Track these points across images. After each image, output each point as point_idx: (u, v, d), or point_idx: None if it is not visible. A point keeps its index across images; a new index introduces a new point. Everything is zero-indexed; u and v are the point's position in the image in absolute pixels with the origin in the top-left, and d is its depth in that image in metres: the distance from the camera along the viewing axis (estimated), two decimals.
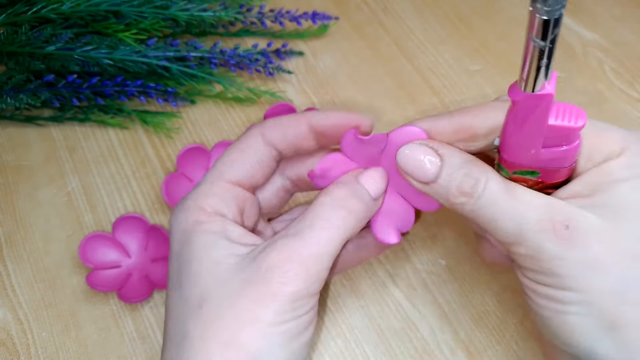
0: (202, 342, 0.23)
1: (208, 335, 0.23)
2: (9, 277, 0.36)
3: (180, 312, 0.25)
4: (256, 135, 0.28)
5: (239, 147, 0.28)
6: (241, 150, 0.28)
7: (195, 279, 0.25)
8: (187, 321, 0.24)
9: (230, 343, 0.23)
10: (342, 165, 0.28)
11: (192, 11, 0.41)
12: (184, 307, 0.25)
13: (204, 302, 0.24)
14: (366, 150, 0.27)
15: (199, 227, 0.26)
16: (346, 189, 0.26)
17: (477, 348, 0.33)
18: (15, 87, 0.40)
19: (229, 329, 0.23)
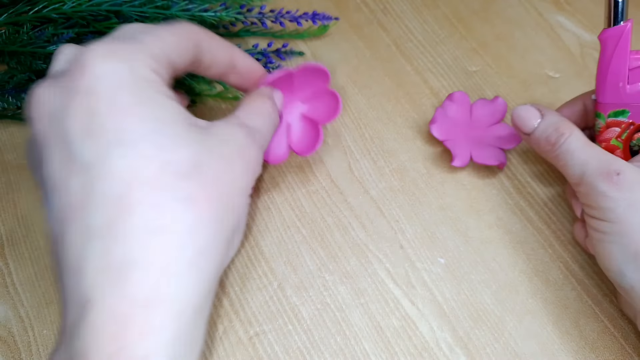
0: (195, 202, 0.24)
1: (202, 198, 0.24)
2: (11, 275, 0.36)
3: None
4: (194, 31, 0.29)
5: (173, 31, 0.27)
6: (175, 35, 0.27)
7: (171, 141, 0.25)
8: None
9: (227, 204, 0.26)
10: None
11: (193, 11, 0.41)
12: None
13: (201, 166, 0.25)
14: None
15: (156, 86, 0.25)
16: (267, 92, 0.33)
17: (476, 346, 0.33)
18: (17, 87, 0.40)
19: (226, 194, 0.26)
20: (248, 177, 0.28)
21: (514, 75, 0.43)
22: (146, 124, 0.23)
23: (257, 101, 0.31)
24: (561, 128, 0.32)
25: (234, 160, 0.26)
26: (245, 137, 0.28)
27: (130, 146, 0.22)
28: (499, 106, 0.39)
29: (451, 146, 0.38)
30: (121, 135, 0.23)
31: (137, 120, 0.23)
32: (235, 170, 0.26)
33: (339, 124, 0.41)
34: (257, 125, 0.29)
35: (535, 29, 0.45)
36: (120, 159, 0.22)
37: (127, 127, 0.23)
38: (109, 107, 0.23)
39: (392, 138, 0.40)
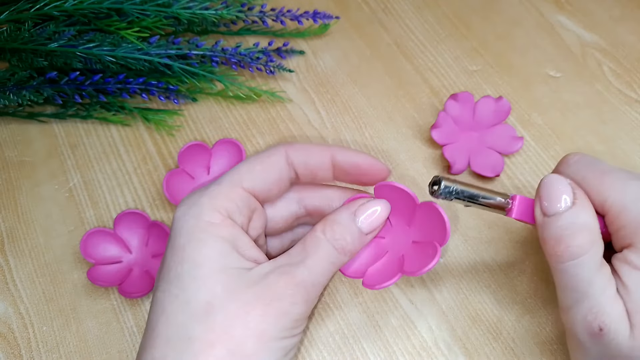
0: (209, 347, 0.24)
1: (215, 340, 0.24)
2: (11, 271, 0.37)
3: (179, 313, 0.25)
4: (281, 152, 0.29)
5: (262, 159, 0.29)
6: (263, 162, 0.29)
7: (202, 283, 0.25)
8: (191, 324, 0.25)
9: (236, 351, 0.24)
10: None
11: (194, 9, 0.41)
12: (184, 308, 0.25)
13: (212, 309, 0.25)
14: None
15: (211, 230, 0.26)
16: (340, 230, 0.28)
17: (474, 345, 0.33)
18: (18, 84, 0.40)
19: (236, 338, 0.25)
20: (271, 322, 0.25)
21: (514, 75, 0.43)
22: (183, 265, 0.26)
23: (322, 243, 0.27)
24: (582, 237, 0.25)
25: (256, 306, 0.25)
26: (284, 288, 0.26)
27: (165, 281, 0.26)
28: (502, 106, 0.39)
29: (450, 154, 0.38)
30: (166, 271, 0.26)
31: (178, 260, 0.26)
32: (252, 315, 0.25)
33: (339, 123, 0.41)
34: (311, 271, 0.27)
35: (536, 28, 0.45)
36: (159, 292, 0.26)
37: (171, 265, 0.26)
38: (170, 247, 0.27)
39: (392, 137, 0.40)
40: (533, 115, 0.41)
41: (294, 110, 0.42)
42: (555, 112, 0.41)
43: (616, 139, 0.40)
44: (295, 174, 0.30)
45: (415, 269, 0.27)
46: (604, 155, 0.39)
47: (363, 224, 0.28)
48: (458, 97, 0.39)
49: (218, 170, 0.38)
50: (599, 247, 0.26)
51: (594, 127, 0.40)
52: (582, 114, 0.41)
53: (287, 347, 0.26)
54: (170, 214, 0.38)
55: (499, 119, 0.39)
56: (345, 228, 0.28)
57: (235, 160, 0.38)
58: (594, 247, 0.25)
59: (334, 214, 0.28)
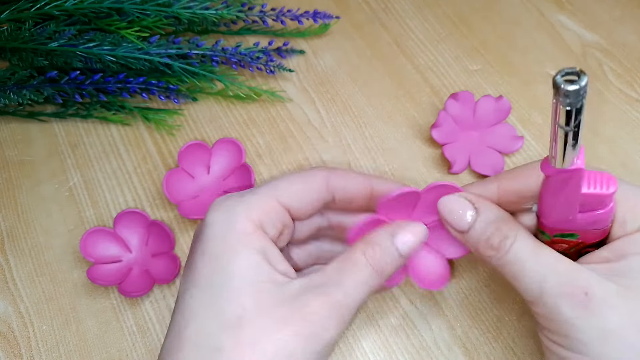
0: (237, 359, 0.24)
1: (243, 355, 0.24)
2: (11, 270, 0.37)
3: (209, 322, 0.25)
4: (323, 175, 0.29)
5: (303, 179, 0.29)
6: (304, 182, 0.29)
7: (234, 296, 0.25)
8: (221, 336, 0.25)
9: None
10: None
11: (195, 9, 0.41)
12: (215, 318, 0.25)
13: (243, 322, 0.25)
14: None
15: (245, 240, 0.26)
16: (379, 251, 0.27)
17: (474, 345, 0.33)
18: (19, 83, 0.40)
19: (264, 354, 0.24)
20: (300, 343, 0.25)
21: (515, 74, 0.43)
22: (216, 275, 0.26)
23: (361, 265, 0.27)
24: (503, 228, 0.26)
25: (287, 324, 0.25)
26: (319, 309, 0.25)
27: (197, 288, 0.26)
28: (503, 105, 0.39)
29: (450, 154, 0.38)
30: (198, 277, 0.26)
31: (212, 269, 0.26)
32: (282, 333, 0.25)
33: (339, 123, 0.41)
34: (347, 293, 0.26)
35: (537, 28, 0.45)
36: (188, 296, 0.26)
37: (203, 272, 0.26)
38: (201, 253, 0.26)
39: (392, 137, 0.40)
40: (533, 114, 0.41)
41: (294, 110, 0.42)
42: None
43: (617, 139, 0.40)
44: (332, 198, 0.30)
45: (426, 283, 0.28)
46: (604, 155, 0.39)
47: (401, 247, 0.28)
48: (458, 97, 0.39)
49: (218, 169, 0.38)
50: (524, 232, 0.26)
51: (594, 127, 0.40)
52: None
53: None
54: (170, 213, 0.38)
55: (499, 119, 0.39)
56: (384, 250, 0.27)
57: (235, 160, 0.38)
58: (520, 231, 0.26)
59: (373, 236, 0.28)
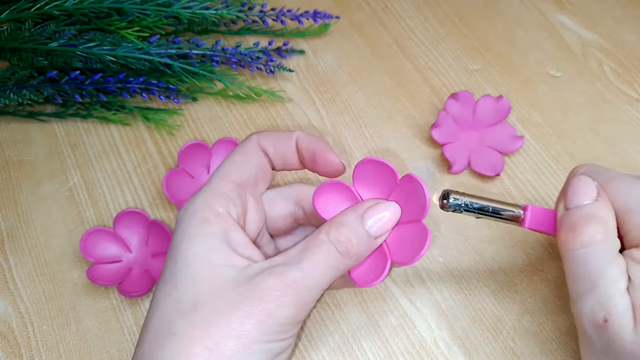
0: (188, 343, 0.24)
1: (195, 337, 0.24)
2: (11, 270, 0.37)
3: (168, 310, 0.25)
4: (253, 140, 0.30)
5: (239, 151, 0.30)
6: (242, 153, 0.30)
7: (192, 282, 0.26)
8: (175, 320, 0.25)
9: (215, 350, 0.24)
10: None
11: (194, 9, 0.41)
12: (174, 305, 0.25)
13: (198, 306, 0.25)
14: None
15: (203, 227, 0.27)
16: (346, 232, 0.27)
17: (474, 345, 0.33)
18: (19, 83, 0.40)
19: (216, 336, 0.24)
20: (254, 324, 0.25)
21: (515, 74, 0.43)
22: (176, 264, 0.26)
23: (324, 245, 0.26)
24: (601, 225, 0.26)
25: (240, 306, 0.25)
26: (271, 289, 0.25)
27: (162, 280, 0.27)
28: (503, 105, 0.39)
29: (450, 154, 0.38)
30: (164, 270, 0.27)
31: (173, 259, 0.27)
32: (235, 315, 0.25)
33: (339, 122, 0.41)
34: (306, 274, 0.26)
35: (537, 27, 0.45)
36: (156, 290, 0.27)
37: (167, 264, 0.27)
38: (170, 246, 0.28)
39: (392, 137, 0.40)
40: (533, 114, 0.41)
41: (294, 110, 0.42)
42: (556, 112, 0.41)
43: (617, 139, 0.40)
44: (268, 159, 0.30)
45: (406, 258, 0.26)
46: (604, 155, 0.39)
47: (372, 228, 0.27)
48: (458, 97, 0.39)
49: None
50: (612, 241, 0.26)
51: (594, 127, 0.40)
52: (582, 113, 0.41)
53: (272, 350, 0.26)
54: (170, 213, 0.38)
55: (499, 118, 0.39)
56: (351, 230, 0.27)
57: None
58: (608, 240, 0.26)
59: (340, 216, 0.27)
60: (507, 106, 0.39)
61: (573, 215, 0.27)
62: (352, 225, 0.27)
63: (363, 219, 0.27)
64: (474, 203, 0.28)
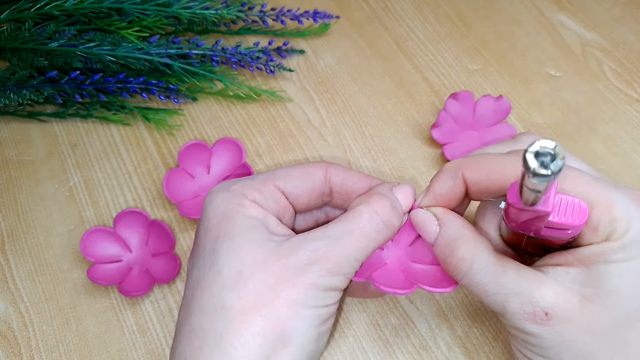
0: (240, 313, 0.25)
1: (246, 307, 0.25)
2: (11, 270, 0.37)
3: (212, 284, 0.26)
4: (322, 167, 0.30)
5: (301, 168, 0.30)
6: (302, 171, 0.30)
7: (234, 255, 0.26)
8: (224, 293, 0.25)
9: (270, 318, 0.25)
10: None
11: (194, 9, 0.41)
12: (217, 278, 0.26)
13: (244, 277, 0.26)
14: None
15: (242, 210, 0.27)
16: (386, 201, 0.27)
17: (474, 344, 0.33)
18: (19, 83, 0.40)
19: (269, 306, 0.25)
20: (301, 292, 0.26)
21: (515, 74, 0.43)
22: (217, 241, 0.27)
23: (364, 215, 0.27)
24: (462, 249, 0.25)
25: (285, 277, 0.26)
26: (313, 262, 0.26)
27: (200, 258, 0.27)
28: (503, 105, 0.39)
29: (450, 154, 0.38)
30: (201, 250, 0.28)
31: (212, 237, 0.27)
32: (282, 286, 0.25)
33: (339, 122, 0.41)
34: (345, 246, 0.26)
35: (537, 27, 0.45)
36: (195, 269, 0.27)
37: (205, 244, 0.27)
38: (203, 229, 0.28)
39: (392, 137, 0.40)
40: (533, 114, 0.41)
41: (294, 110, 0.42)
42: (556, 111, 0.41)
43: (616, 138, 0.40)
44: (330, 191, 0.30)
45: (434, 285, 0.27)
46: (604, 155, 0.39)
47: (401, 202, 0.28)
48: (458, 96, 0.39)
49: (218, 169, 0.38)
50: (482, 250, 0.25)
51: (594, 126, 0.40)
52: (582, 113, 0.41)
53: (321, 315, 0.26)
54: (171, 213, 0.38)
55: (499, 118, 0.39)
56: (392, 201, 0.28)
57: (236, 160, 0.38)
58: (477, 250, 0.25)
59: (377, 188, 0.28)
60: (507, 106, 0.39)
61: (437, 253, 0.27)
62: (391, 196, 0.28)
63: (394, 192, 0.28)
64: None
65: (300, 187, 0.29)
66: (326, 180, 0.30)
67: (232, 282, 0.26)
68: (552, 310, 0.24)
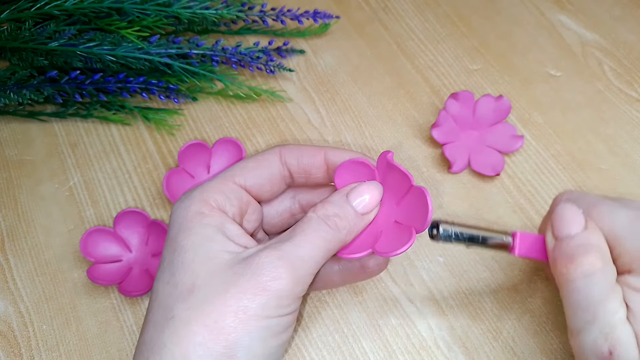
0: (186, 323, 0.25)
1: (192, 317, 0.25)
2: (11, 270, 0.37)
3: (167, 297, 0.26)
4: (275, 152, 0.30)
5: (256, 158, 0.30)
6: (257, 160, 0.30)
7: (188, 267, 0.26)
8: (174, 305, 0.25)
9: (213, 327, 0.24)
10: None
11: (195, 9, 0.41)
12: (172, 291, 0.26)
13: (195, 289, 0.25)
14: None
15: (200, 218, 0.27)
16: (332, 208, 0.28)
17: (474, 344, 0.33)
18: (19, 83, 0.40)
19: (214, 314, 0.25)
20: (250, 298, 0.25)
21: (515, 74, 0.43)
22: (174, 254, 0.27)
23: (312, 221, 0.27)
24: (598, 257, 0.26)
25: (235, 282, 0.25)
26: (265, 263, 0.26)
27: (160, 270, 0.27)
28: (503, 105, 0.39)
29: (450, 153, 0.38)
30: (161, 261, 0.28)
31: (171, 249, 0.27)
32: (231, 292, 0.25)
33: (339, 122, 0.41)
34: (297, 245, 0.26)
35: (537, 27, 0.45)
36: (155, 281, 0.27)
37: (165, 255, 0.27)
38: (166, 238, 0.28)
39: (392, 136, 0.40)
40: (533, 114, 0.41)
41: (294, 110, 0.42)
42: (556, 111, 0.41)
43: (616, 138, 0.40)
44: (289, 173, 0.31)
45: (386, 249, 0.27)
46: (604, 155, 0.39)
47: (358, 206, 0.28)
48: (458, 96, 0.39)
49: (218, 169, 0.38)
50: (611, 269, 0.26)
51: (594, 126, 0.40)
52: (582, 113, 0.41)
53: (272, 327, 0.25)
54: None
55: (499, 118, 0.39)
56: (338, 207, 0.28)
57: (236, 160, 0.38)
58: (606, 268, 0.26)
59: (327, 198, 0.29)
60: (507, 106, 0.39)
61: (568, 245, 0.26)
62: (337, 203, 0.28)
63: (348, 198, 0.28)
64: (464, 233, 0.29)
65: (259, 177, 0.30)
66: (282, 163, 0.30)
67: (185, 295, 0.25)
68: (617, 352, 0.24)
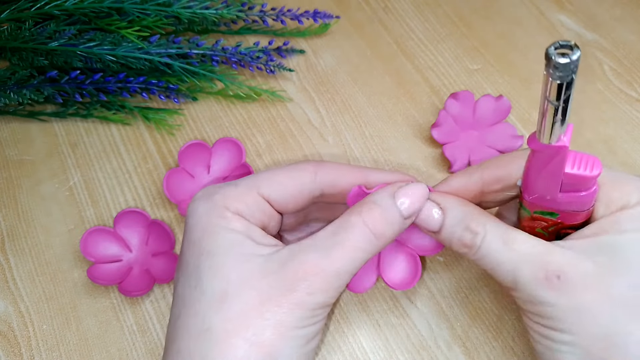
0: (225, 336, 0.24)
1: (231, 330, 0.24)
2: (11, 270, 0.37)
3: (195, 303, 0.25)
4: (308, 169, 0.28)
5: (287, 171, 0.28)
6: (288, 174, 0.28)
7: (217, 272, 0.25)
8: (208, 314, 0.25)
9: (253, 341, 0.24)
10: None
11: (195, 9, 0.41)
12: (200, 298, 0.25)
13: (228, 297, 0.25)
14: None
15: (225, 223, 0.26)
16: (378, 211, 0.26)
17: (474, 344, 0.33)
18: (19, 83, 0.40)
19: (252, 327, 0.24)
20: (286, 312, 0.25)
21: (515, 74, 0.43)
22: (199, 257, 0.26)
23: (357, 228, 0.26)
24: (472, 225, 0.26)
25: (270, 296, 0.25)
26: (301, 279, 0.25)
27: (184, 274, 0.27)
28: (503, 105, 0.39)
29: (450, 153, 0.38)
30: (185, 265, 0.27)
31: (196, 253, 0.26)
32: (267, 306, 0.25)
33: (339, 122, 0.41)
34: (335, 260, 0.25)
35: (537, 27, 0.45)
36: (179, 285, 0.27)
37: (189, 259, 0.27)
38: (186, 242, 0.27)
39: (392, 136, 0.40)
40: (533, 114, 0.41)
41: (294, 110, 0.42)
42: None
43: (617, 138, 0.40)
44: (321, 193, 0.29)
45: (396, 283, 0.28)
46: (604, 155, 0.39)
47: (403, 207, 0.26)
48: (458, 96, 0.39)
49: (218, 169, 0.38)
50: (493, 223, 0.26)
51: (594, 126, 0.40)
52: (582, 112, 0.41)
53: (307, 335, 0.25)
54: (171, 212, 0.38)
55: (499, 118, 0.39)
56: (385, 210, 0.26)
57: (236, 159, 0.38)
58: (488, 225, 0.26)
59: (372, 196, 0.27)
60: (507, 106, 0.39)
61: (445, 235, 0.27)
62: (384, 204, 0.26)
63: (395, 198, 0.27)
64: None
65: (285, 193, 0.28)
66: (315, 182, 0.28)
67: (217, 303, 0.25)
68: (565, 274, 0.23)
